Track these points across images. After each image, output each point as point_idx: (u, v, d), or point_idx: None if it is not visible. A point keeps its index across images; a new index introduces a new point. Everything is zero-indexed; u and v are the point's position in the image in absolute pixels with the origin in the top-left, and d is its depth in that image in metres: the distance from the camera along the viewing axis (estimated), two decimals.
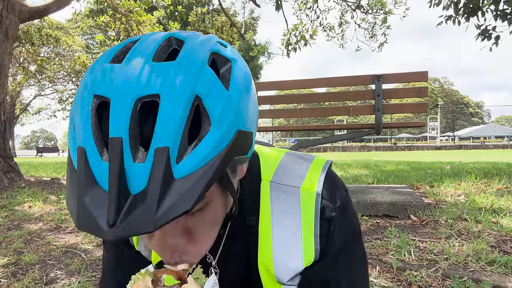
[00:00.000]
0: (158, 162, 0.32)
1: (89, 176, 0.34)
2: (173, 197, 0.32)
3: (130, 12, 7.27)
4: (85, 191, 0.33)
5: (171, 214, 0.32)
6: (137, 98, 0.34)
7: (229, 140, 0.36)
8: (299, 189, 0.55)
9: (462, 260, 1.68)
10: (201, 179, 0.33)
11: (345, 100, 3.26)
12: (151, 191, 0.32)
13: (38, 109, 33.45)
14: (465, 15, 4.86)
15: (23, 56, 13.77)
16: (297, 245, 0.54)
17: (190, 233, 0.42)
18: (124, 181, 0.32)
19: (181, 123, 0.34)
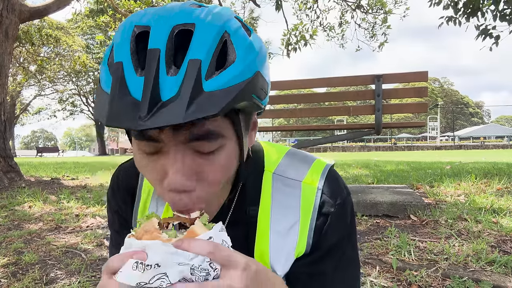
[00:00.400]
0: (190, 73, 0.35)
1: (123, 87, 0.36)
2: (201, 102, 0.35)
3: (130, 12, 7.27)
4: (118, 98, 0.36)
5: (201, 112, 0.34)
6: (174, 24, 0.38)
7: (251, 75, 0.39)
8: (300, 182, 0.55)
9: (462, 260, 1.68)
10: (226, 96, 0.36)
11: (345, 100, 3.26)
12: (182, 95, 0.34)
13: (38, 109, 33.47)
14: (465, 16, 4.86)
15: (23, 56, 13.77)
16: (294, 237, 0.54)
17: (202, 178, 0.43)
18: (157, 90, 0.35)
19: (212, 45, 0.37)
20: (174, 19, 0.38)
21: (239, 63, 0.39)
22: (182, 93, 0.35)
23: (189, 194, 0.43)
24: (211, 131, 0.40)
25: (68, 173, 6.13)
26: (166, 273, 0.34)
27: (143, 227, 0.38)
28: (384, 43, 8.32)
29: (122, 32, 0.40)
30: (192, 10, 0.40)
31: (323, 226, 0.55)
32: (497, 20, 4.63)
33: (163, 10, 0.40)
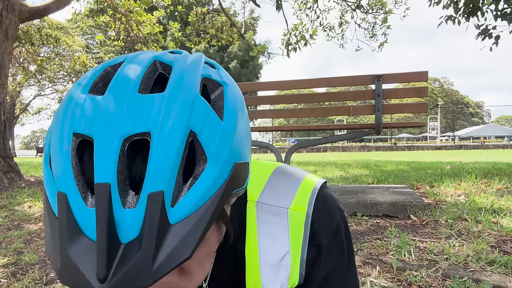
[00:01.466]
0: (152, 207, 0.29)
1: (72, 224, 0.30)
2: (170, 245, 0.29)
3: (130, 12, 7.27)
4: (68, 242, 0.29)
5: (170, 265, 0.29)
6: (125, 137, 0.30)
7: (227, 175, 0.34)
8: (287, 210, 0.50)
9: (462, 260, 1.68)
10: (200, 221, 0.31)
11: (345, 100, 3.26)
12: (146, 240, 0.28)
13: (38, 109, 33.45)
14: (465, 15, 4.86)
15: (23, 56, 13.77)
16: (286, 268, 0.50)
17: (183, 269, 0.38)
18: (114, 229, 0.29)
19: (175, 163, 0.30)
20: (123, 127, 0.30)
21: (211, 169, 0.32)
22: (145, 236, 0.29)
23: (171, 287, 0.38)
24: None
25: None
26: None
27: None
28: (384, 43, 8.33)
29: (60, 140, 0.32)
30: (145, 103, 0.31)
31: (316, 258, 0.51)
32: (498, 20, 4.63)
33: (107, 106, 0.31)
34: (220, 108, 0.36)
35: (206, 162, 0.32)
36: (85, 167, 0.31)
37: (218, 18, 15.31)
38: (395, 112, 3.01)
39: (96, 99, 0.32)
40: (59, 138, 0.32)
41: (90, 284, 0.28)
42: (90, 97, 0.32)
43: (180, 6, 7.79)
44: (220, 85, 0.38)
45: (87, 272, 0.28)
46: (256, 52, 8.71)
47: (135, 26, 7.47)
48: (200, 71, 0.36)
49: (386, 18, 8.06)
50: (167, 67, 0.36)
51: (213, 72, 0.38)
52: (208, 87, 0.37)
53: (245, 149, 0.39)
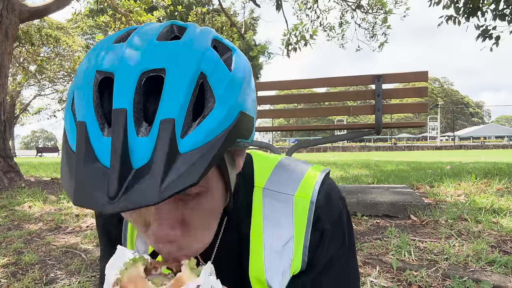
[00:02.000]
0: (163, 134, 0.31)
1: (89, 152, 0.32)
2: (178, 170, 0.31)
3: (130, 12, 7.28)
4: (84, 166, 0.32)
5: (177, 186, 0.31)
6: (142, 71, 0.33)
7: (233, 119, 0.36)
8: (292, 196, 0.53)
9: (462, 260, 1.68)
10: (207, 154, 0.32)
11: (345, 100, 3.25)
12: (156, 164, 0.31)
13: (38, 109, 33.45)
14: (465, 15, 4.86)
15: (23, 56, 13.77)
16: (289, 254, 0.52)
17: (188, 225, 0.40)
18: (127, 155, 0.31)
19: (186, 96, 0.33)
20: (141, 63, 0.33)
21: (219, 110, 0.34)
22: (155, 161, 0.31)
23: (174, 243, 0.40)
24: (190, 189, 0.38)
25: None
26: None
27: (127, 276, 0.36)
28: (384, 43, 8.32)
29: (84, 78, 0.35)
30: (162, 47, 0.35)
31: (319, 243, 0.52)
32: (497, 20, 4.63)
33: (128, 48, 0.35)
34: (229, 65, 0.38)
35: (215, 103, 0.35)
36: (104, 102, 0.34)
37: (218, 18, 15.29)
38: (395, 112, 3.01)
39: (118, 45, 0.36)
40: (83, 75, 0.36)
41: (100, 203, 0.30)
42: (114, 45, 0.37)
43: (180, 6, 7.79)
44: (230, 50, 0.40)
45: (98, 193, 0.30)
46: (256, 52, 8.71)
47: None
48: (212, 34, 0.40)
49: (386, 18, 8.05)
50: (182, 30, 0.39)
51: (223, 39, 0.42)
52: (219, 49, 0.39)
53: (251, 106, 0.41)
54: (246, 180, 0.55)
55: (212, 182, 0.40)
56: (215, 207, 0.42)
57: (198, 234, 0.42)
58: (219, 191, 0.42)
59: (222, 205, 0.44)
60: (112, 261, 0.39)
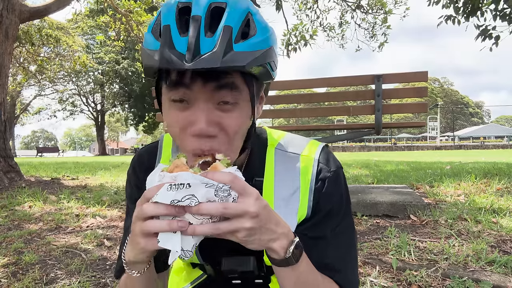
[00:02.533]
0: (224, 35, 0.46)
1: (171, 44, 0.46)
2: (232, 57, 0.46)
3: (130, 12, 7.27)
4: (167, 51, 0.46)
5: (231, 63, 0.45)
6: (211, 1, 0.48)
7: (267, 46, 0.50)
8: (299, 155, 0.64)
9: (462, 260, 1.68)
10: (251, 55, 0.48)
11: (345, 100, 3.26)
12: (217, 50, 0.45)
13: (38, 109, 33.45)
14: (464, 15, 4.86)
15: (23, 56, 13.76)
16: (295, 203, 0.61)
17: (222, 126, 0.51)
18: (198, 47, 0.45)
19: (240, 19, 0.48)
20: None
21: (259, 36, 0.50)
22: (217, 49, 0.45)
23: (211, 139, 0.50)
24: (232, 83, 0.49)
25: (68, 173, 6.13)
26: (194, 194, 0.40)
27: (173, 163, 0.45)
28: (384, 43, 8.32)
29: (168, 5, 0.50)
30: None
31: (321, 189, 0.61)
32: (497, 20, 4.63)
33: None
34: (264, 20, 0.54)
35: (256, 32, 0.50)
36: (182, 18, 0.49)
37: None
38: (395, 112, 3.02)
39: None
40: (168, 4, 0.50)
41: (180, 63, 0.45)
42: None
43: None
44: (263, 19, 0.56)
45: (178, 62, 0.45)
46: None
47: (135, 26, 7.47)
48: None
49: (386, 18, 8.05)
50: None
51: None
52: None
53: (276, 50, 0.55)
54: (261, 141, 0.66)
55: (243, 98, 0.52)
56: (243, 120, 0.53)
57: (229, 137, 0.52)
58: (247, 109, 0.53)
59: (248, 124, 0.55)
60: (151, 176, 0.47)
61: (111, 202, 3.34)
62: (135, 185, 0.70)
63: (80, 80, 30.14)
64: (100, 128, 33.88)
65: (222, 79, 0.48)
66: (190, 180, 0.40)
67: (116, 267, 0.68)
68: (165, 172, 0.43)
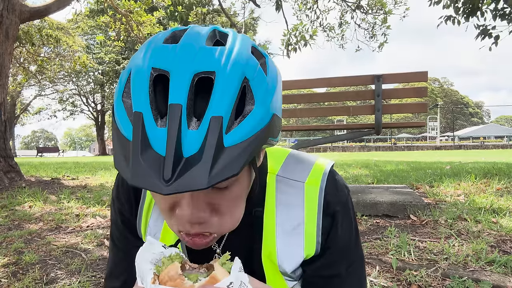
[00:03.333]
0: (213, 129, 0.36)
1: (144, 139, 0.36)
2: (224, 161, 0.36)
3: (130, 12, 7.28)
4: (141, 153, 0.36)
5: (223, 175, 0.35)
6: (195, 72, 0.38)
7: (268, 120, 0.41)
8: (303, 184, 0.58)
9: (461, 260, 1.68)
10: (246, 149, 0.37)
11: (345, 100, 3.26)
12: (205, 155, 0.35)
13: (38, 109, 33.46)
14: (464, 15, 4.86)
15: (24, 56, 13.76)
16: (300, 237, 0.56)
17: (217, 209, 0.45)
18: (180, 145, 0.35)
19: (233, 98, 0.38)
20: (194, 65, 0.38)
21: (258, 111, 0.39)
22: (204, 151, 0.35)
23: (203, 224, 0.44)
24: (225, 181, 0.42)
25: (68, 173, 6.14)
26: None
27: (167, 273, 0.40)
28: (384, 43, 8.32)
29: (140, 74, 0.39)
30: (211, 51, 0.39)
31: (331, 226, 0.57)
32: (497, 19, 4.63)
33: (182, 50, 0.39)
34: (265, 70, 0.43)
35: (254, 105, 0.39)
36: (158, 97, 0.39)
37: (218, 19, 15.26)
38: (394, 112, 3.02)
39: (171, 45, 0.40)
40: (139, 70, 0.40)
41: (157, 184, 0.35)
42: (166, 45, 0.41)
43: (180, 7, 7.79)
44: (263, 56, 0.45)
45: (155, 176, 0.35)
46: None
47: (135, 26, 7.47)
48: (251, 41, 0.45)
49: (385, 18, 8.05)
50: (224, 35, 0.44)
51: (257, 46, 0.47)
52: (255, 55, 0.44)
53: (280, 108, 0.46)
54: (260, 167, 0.58)
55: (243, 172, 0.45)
56: (242, 193, 0.47)
57: (225, 215, 0.46)
58: (246, 180, 0.47)
59: (247, 192, 0.50)
60: (142, 252, 0.43)
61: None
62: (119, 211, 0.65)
63: (80, 80, 30.15)
64: (100, 128, 33.89)
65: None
66: None
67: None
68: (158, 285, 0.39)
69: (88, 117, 35.09)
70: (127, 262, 0.62)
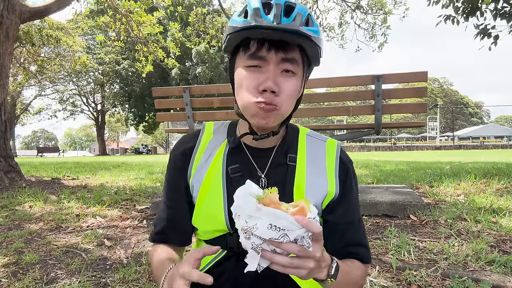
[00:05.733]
0: (297, 17, 0.64)
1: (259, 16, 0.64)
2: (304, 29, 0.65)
3: (131, 12, 7.27)
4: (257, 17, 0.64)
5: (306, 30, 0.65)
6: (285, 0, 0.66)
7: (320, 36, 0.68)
8: (325, 142, 0.82)
9: (461, 260, 1.68)
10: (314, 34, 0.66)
11: (345, 100, 3.26)
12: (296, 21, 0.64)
13: (38, 109, 33.45)
14: (464, 15, 4.86)
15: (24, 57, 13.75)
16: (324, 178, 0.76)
17: (283, 89, 0.68)
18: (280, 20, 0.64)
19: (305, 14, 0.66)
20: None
21: (315, 28, 0.67)
22: (295, 21, 0.63)
23: (273, 95, 0.66)
24: (294, 58, 0.67)
25: (68, 173, 6.14)
26: (287, 234, 0.51)
27: (268, 198, 0.53)
28: (384, 43, 8.32)
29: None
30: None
31: (346, 177, 0.78)
32: (497, 19, 4.63)
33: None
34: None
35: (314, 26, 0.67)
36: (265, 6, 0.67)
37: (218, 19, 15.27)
38: (394, 112, 3.02)
39: None
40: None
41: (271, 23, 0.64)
42: None
43: (180, 7, 7.77)
44: None
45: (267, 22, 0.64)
46: None
47: (135, 26, 7.47)
48: None
49: (385, 18, 8.05)
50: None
51: None
52: None
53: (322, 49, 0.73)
54: (294, 128, 0.84)
55: (299, 73, 0.70)
56: (295, 91, 0.70)
57: (285, 98, 0.68)
58: (299, 82, 0.71)
59: (297, 95, 0.72)
60: (242, 190, 0.54)
61: (111, 202, 3.35)
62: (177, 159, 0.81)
63: (81, 80, 30.13)
64: (100, 128, 33.87)
65: (288, 52, 0.66)
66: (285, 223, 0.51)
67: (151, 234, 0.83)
68: (262, 206, 0.51)
69: (88, 117, 35.07)
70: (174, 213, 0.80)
